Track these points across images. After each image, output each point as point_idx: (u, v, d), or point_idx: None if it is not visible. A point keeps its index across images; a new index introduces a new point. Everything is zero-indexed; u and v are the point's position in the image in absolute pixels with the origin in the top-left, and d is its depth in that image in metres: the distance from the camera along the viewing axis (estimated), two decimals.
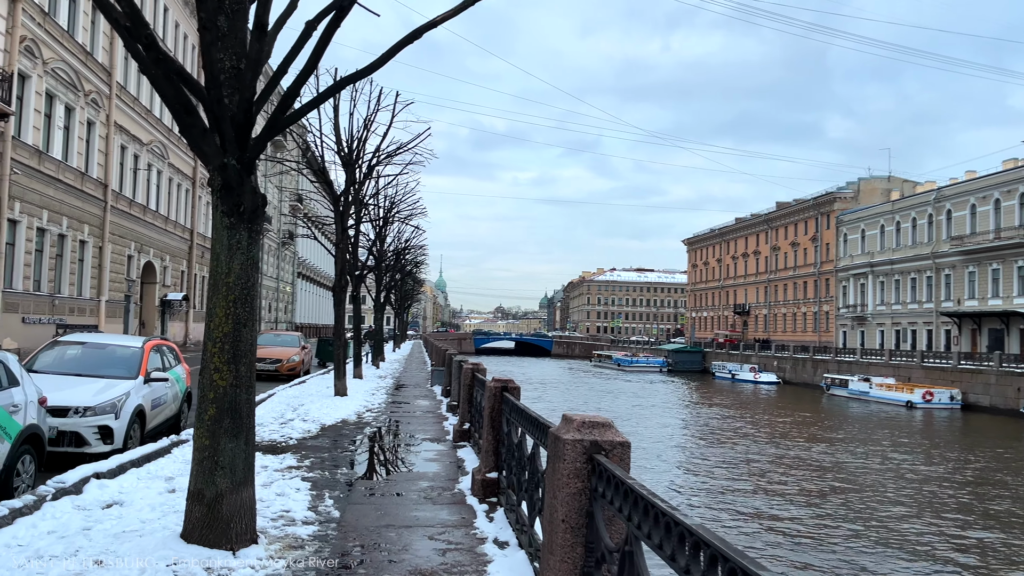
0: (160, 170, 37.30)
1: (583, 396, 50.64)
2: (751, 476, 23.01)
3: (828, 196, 77.31)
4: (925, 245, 61.71)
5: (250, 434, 4.93)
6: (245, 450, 4.88)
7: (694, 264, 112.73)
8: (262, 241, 50.10)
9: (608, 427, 3.68)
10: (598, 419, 3.72)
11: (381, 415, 13.61)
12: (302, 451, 9.32)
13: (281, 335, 25.69)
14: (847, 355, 60.48)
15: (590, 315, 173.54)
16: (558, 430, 3.77)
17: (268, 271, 67.43)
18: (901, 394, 47.29)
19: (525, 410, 5.73)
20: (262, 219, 4.98)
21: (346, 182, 15.25)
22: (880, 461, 26.77)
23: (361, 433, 11.24)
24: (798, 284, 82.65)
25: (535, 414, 5.26)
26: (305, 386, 18.18)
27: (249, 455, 4.95)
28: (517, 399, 6.77)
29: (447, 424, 12.47)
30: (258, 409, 13.14)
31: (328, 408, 13.48)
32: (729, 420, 38.76)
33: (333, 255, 15.75)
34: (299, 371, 22.05)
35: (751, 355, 74.72)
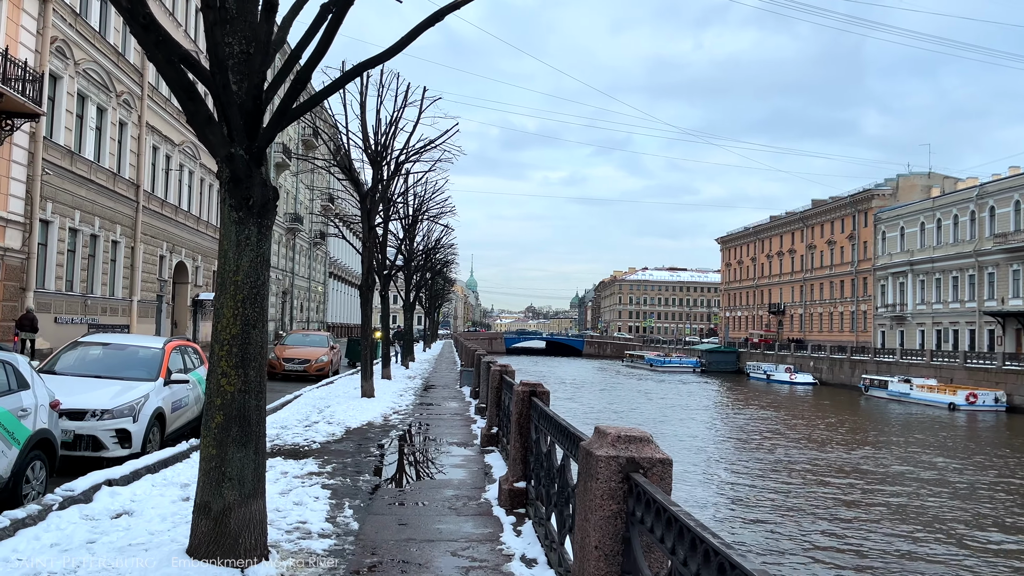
0: (192, 170, 37.52)
1: (615, 397, 50.05)
2: (792, 485, 22.36)
3: (866, 193, 75.69)
4: (967, 243, 60.04)
5: (260, 443, 4.61)
6: (255, 460, 4.56)
7: (728, 263, 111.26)
8: (285, 236, 49.71)
9: (646, 442, 3.28)
10: (635, 432, 3.32)
11: (408, 417, 13.31)
12: (324, 456, 9.03)
13: (310, 335, 25.56)
14: (886, 355, 59.08)
15: (622, 315, 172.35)
16: (590, 444, 3.38)
17: (300, 271, 67.73)
18: (943, 396, 45.99)
19: (554, 418, 5.34)
20: (273, 214, 4.67)
21: (373, 179, 14.98)
22: (928, 468, 25.88)
23: (386, 436, 10.94)
24: (834, 283, 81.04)
25: (565, 423, 4.87)
26: (333, 387, 17.97)
27: (259, 465, 4.63)
28: (547, 404, 6.39)
29: (475, 427, 12.13)
30: (283, 411, 12.92)
31: (354, 410, 13.21)
32: (766, 423, 37.95)
33: (360, 253, 15.52)
34: (328, 371, 21.88)
35: (786, 355, 73.42)
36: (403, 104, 14.57)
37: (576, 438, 4.29)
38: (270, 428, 10.89)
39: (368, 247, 15.03)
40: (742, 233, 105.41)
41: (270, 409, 13.13)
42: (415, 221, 25.06)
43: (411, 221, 24.54)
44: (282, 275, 61.24)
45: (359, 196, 14.88)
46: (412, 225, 25.49)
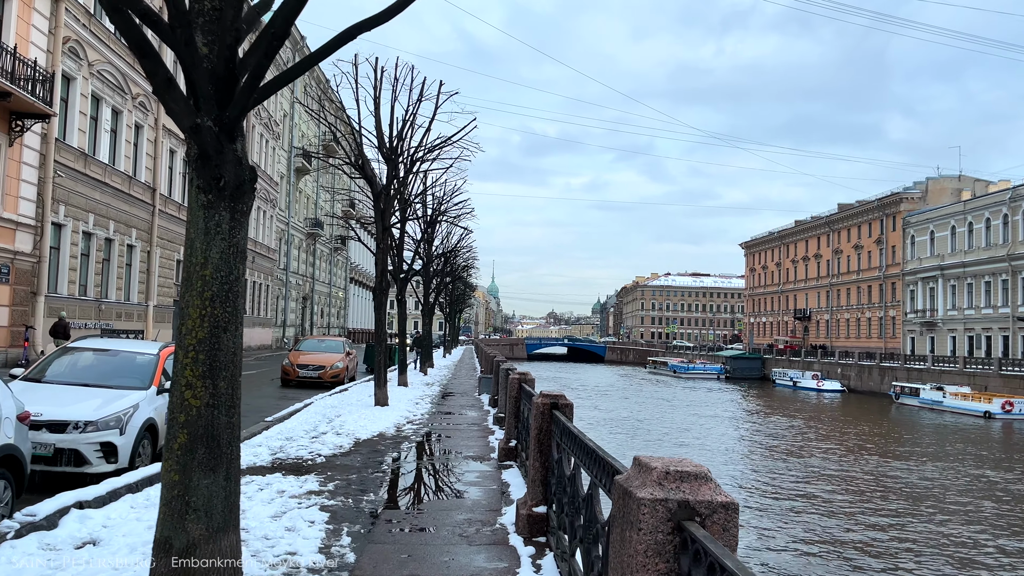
0: None
1: (639, 405, 49.08)
2: (833, 503, 21.36)
3: (894, 197, 74.08)
4: (1000, 247, 58.42)
5: (233, 466, 3.90)
6: (226, 487, 3.85)
7: (752, 268, 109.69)
8: (305, 242, 49.34)
9: (703, 479, 2.51)
10: (687, 467, 2.56)
11: (422, 428, 12.58)
12: (328, 471, 8.32)
13: (325, 340, 24.93)
14: (916, 362, 57.54)
15: (644, 320, 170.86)
16: (629, 481, 2.62)
17: (320, 276, 67.46)
18: (978, 404, 44.52)
19: (580, 437, 4.58)
20: (249, 197, 3.97)
21: (387, 177, 14.32)
22: (969, 481, 24.72)
23: (397, 449, 10.21)
24: (862, 288, 79.42)
25: (593, 445, 4.11)
26: (346, 394, 17.30)
27: (231, 493, 3.92)
28: (570, 419, 5.62)
29: (492, 439, 11.38)
30: (290, 421, 12.26)
31: (366, 419, 12.52)
32: (796, 433, 36.83)
33: (374, 253, 14.83)
34: (343, 378, 21.24)
35: (813, 362, 71.90)
36: (419, 98, 13.93)
37: (608, 467, 3.53)
38: (274, 440, 10.23)
39: (383, 248, 14.35)
40: (767, 238, 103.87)
41: (277, 419, 12.48)
42: (433, 223, 24.36)
43: (429, 223, 23.82)
44: (302, 280, 60.96)
45: (373, 195, 14.20)
46: (430, 227, 24.78)
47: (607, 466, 3.59)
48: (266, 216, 48.55)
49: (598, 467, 3.94)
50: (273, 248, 50.56)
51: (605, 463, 3.65)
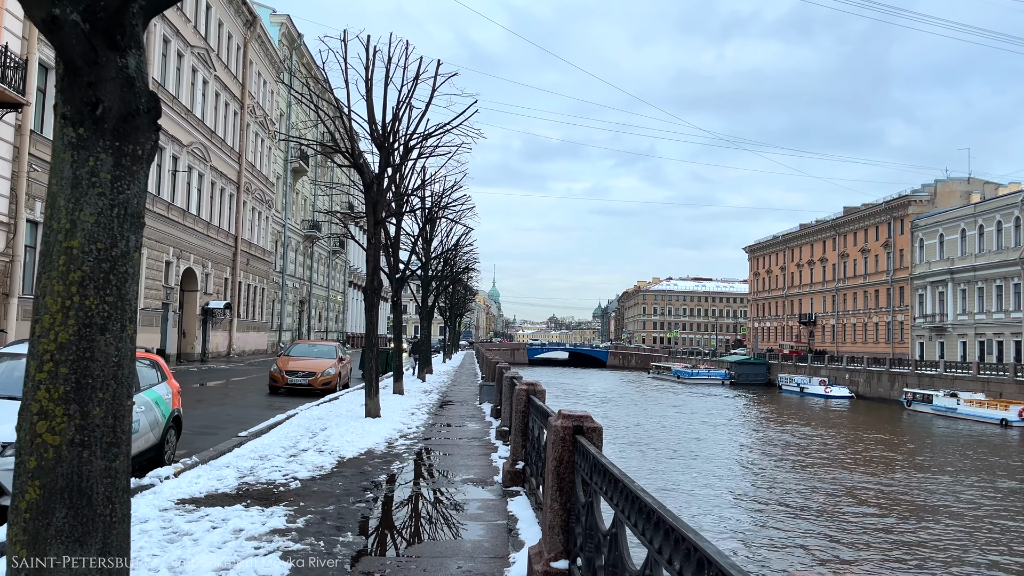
0: (202, 173, 35.94)
1: (647, 414, 47.78)
2: (850, 517, 20.04)
3: (902, 200, 72.82)
4: (1012, 250, 57.13)
5: (114, 535, 2.58)
6: (103, 569, 2.55)
7: (756, 272, 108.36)
8: (303, 244, 48.12)
9: None
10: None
11: (416, 444, 11.23)
12: (302, 500, 7.01)
13: (316, 345, 23.58)
14: (927, 368, 56.16)
15: (646, 325, 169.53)
16: None
17: (318, 279, 66.22)
18: (994, 411, 43.20)
19: (624, 482, 3.27)
20: (146, 138, 2.69)
21: (380, 166, 13.01)
22: (994, 494, 23.37)
23: (386, 471, 8.88)
24: (869, 292, 78.10)
25: (652, 500, 2.80)
26: (336, 404, 15.96)
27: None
28: (599, 446, 4.33)
29: (495, 457, 10.05)
30: (268, 436, 10.93)
31: (354, 434, 11.19)
32: (808, 442, 35.49)
33: (364, 248, 13.48)
34: (335, 385, 19.90)
35: (820, 367, 70.55)
36: (415, 79, 12.61)
37: (685, 543, 2.21)
38: (246, 459, 8.92)
39: (374, 243, 13.03)
40: (771, 242, 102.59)
41: (254, 433, 11.14)
42: (432, 220, 22.99)
43: (426, 221, 22.44)
44: (299, 284, 59.68)
45: (363, 185, 12.89)
46: (428, 225, 23.41)
47: (678, 538, 2.27)
48: (262, 217, 47.31)
49: (656, 532, 2.63)
50: (269, 250, 49.32)
51: (677, 533, 2.33)
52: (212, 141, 36.83)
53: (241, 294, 42.63)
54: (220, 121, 38.21)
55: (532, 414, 7.53)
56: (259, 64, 44.61)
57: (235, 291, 41.18)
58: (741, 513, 19.33)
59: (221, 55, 38.04)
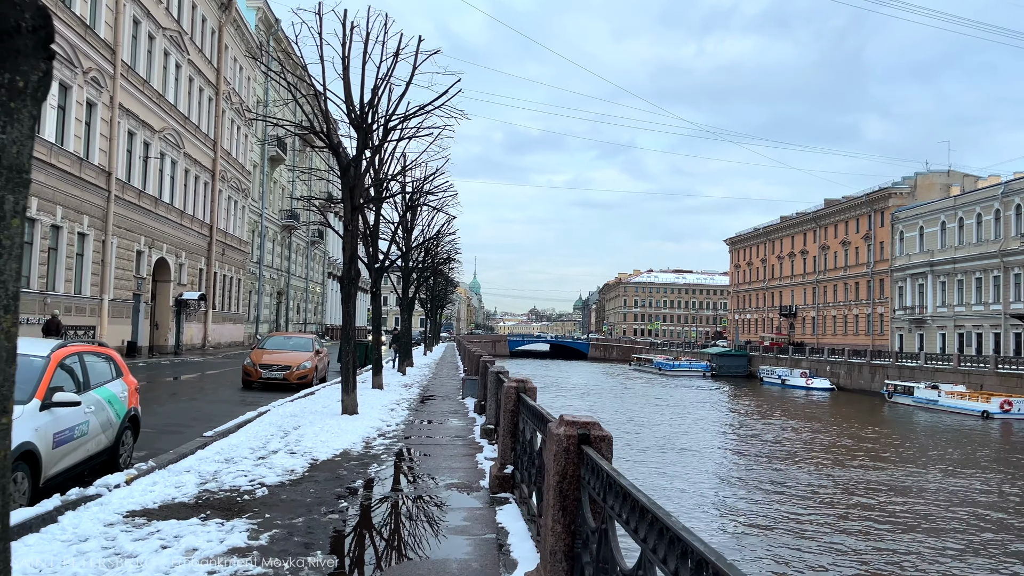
0: (175, 160, 34.87)
1: (630, 406, 47.39)
2: (840, 515, 19.66)
3: (882, 192, 72.93)
4: (992, 242, 57.32)
5: None
6: None
7: (736, 264, 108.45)
8: (280, 235, 47.21)
9: None
10: None
11: (396, 443, 10.54)
12: (268, 511, 6.31)
13: (292, 337, 22.74)
14: (908, 360, 56.24)
15: (627, 317, 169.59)
16: None
17: (296, 271, 65.15)
18: (975, 403, 43.22)
19: (655, 512, 2.63)
20: (27, 64, 1.99)
21: (357, 148, 12.23)
22: (983, 488, 23.11)
23: (362, 475, 8.19)
24: (849, 285, 78.28)
25: (700, 543, 2.17)
26: (312, 399, 15.20)
27: None
28: (609, 458, 3.70)
29: (481, 458, 9.40)
30: (236, 436, 10.20)
31: (329, 432, 10.49)
32: (794, 435, 35.24)
33: (340, 236, 12.70)
34: (311, 379, 19.14)
35: (801, 359, 70.61)
36: (395, 56, 11.83)
37: None
38: (210, 463, 8.20)
39: (351, 230, 12.28)
40: (752, 234, 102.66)
41: (220, 432, 10.39)
42: (412, 207, 22.17)
43: (407, 208, 21.62)
44: (277, 274, 58.58)
45: (340, 169, 12.12)
46: (409, 213, 22.58)
47: None
48: (238, 207, 46.21)
49: None
50: (245, 240, 48.24)
51: None
52: (186, 127, 35.76)
53: (216, 285, 41.61)
54: (194, 107, 37.12)
55: (522, 414, 6.90)
56: (235, 49, 43.47)
57: (210, 282, 40.16)
58: (737, 509, 18.87)
59: (195, 39, 36.93)
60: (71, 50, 24.26)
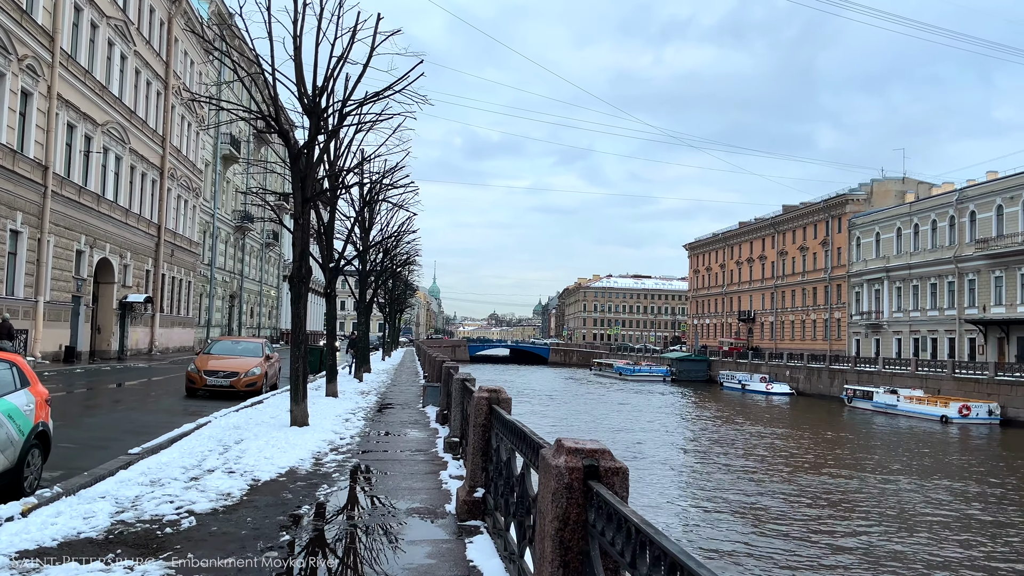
0: (119, 156, 33.18)
1: (594, 413, 46.74)
2: (797, 523, 19.09)
3: (839, 198, 73.74)
4: (946, 248, 58.11)
5: None
6: None
7: (696, 269, 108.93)
8: (233, 236, 45.65)
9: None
10: None
11: (350, 459, 9.47)
12: (191, 549, 5.27)
13: (241, 342, 21.39)
14: (866, 364, 56.63)
15: (586, 322, 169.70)
16: None
17: (250, 273, 63.24)
18: (935, 408, 43.45)
19: None
20: None
21: (309, 134, 11.17)
22: (948, 496, 22.80)
23: (310, 499, 7.15)
24: (807, 290, 78.96)
25: None
26: (259, 409, 14.01)
27: None
28: (624, 496, 2.80)
29: (446, 476, 8.42)
30: (170, 452, 9.07)
31: (275, 447, 9.41)
32: (758, 440, 34.89)
33: (291, 231, 11.58)
34: (260, 386, 17.89)
35: (760, 364, 70.83)
36: (352, 32, 10.75)
37: None
38: (131, 486, 7.10)
39: (302, 225, 11.19)
40: (711, 239, 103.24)
41: (150, 449, 9.22)
42: (370, 204, 20.98)
43: (365, 203, 20.39)
44: (230, 277, 56.69)
45: (290, 157, 11.02)
46: (367, 210, 21.37)
47: None
48: (188, 206, 44.44)
49: None
50: (196, 241, 46.43)
51: None
52: (132, 122, 34.09)
53: (165, 287, 39.86)
54: (141, 101, 35.45)
55: (496, 430, 5.96)
56: (186, 43, 41.80)
57: (158, 284, 38.41)
58: (716, 521, 18.18)
59: (142, 30, 35.29)
60: (4, 35, 22.69)
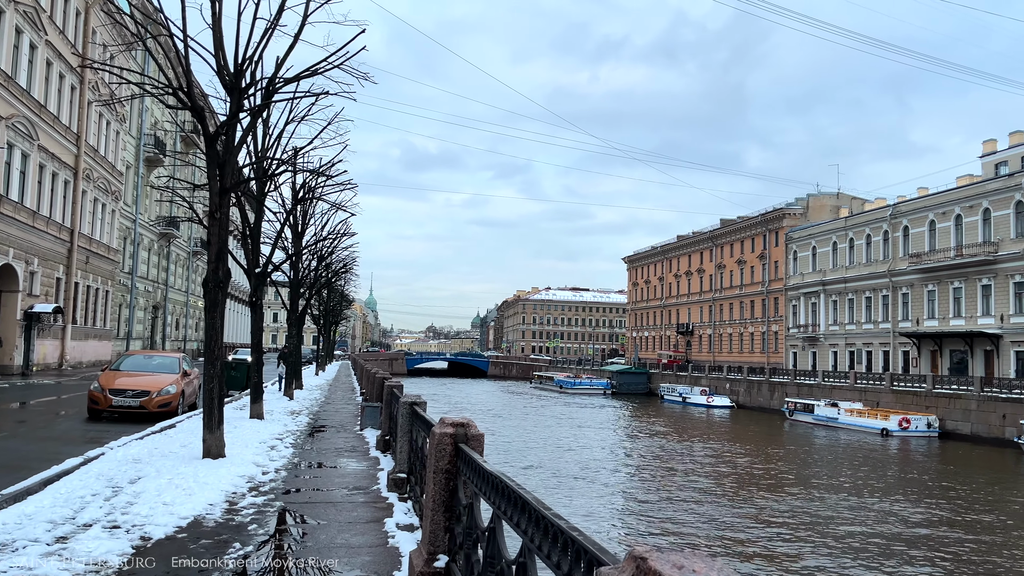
0: (26, 153, 30.41)
1: (539, 427, 45.36)
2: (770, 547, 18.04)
3: (777, 212, 74.58)
4: (881, 263, 59.03)
5: None
6: None
7: (634, 282, 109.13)
8: (157, 243, 42.78)
9: None
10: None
11: (273, 501, 7.75)
12: None
13: (155, 356, 19.12)
14: (806, 377, 56.87)
15: (525, 334, 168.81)
16: None
17: (176, 283, 59.94)
18: (875, 421, 43.56)
19: None
20: None
21: (230, 113, 9.43)
22: (895, 513, 22.14)
23: (215, 569, 5.49)
24: (744, 303, 79.57)
25: None
26: (169, 435, 12.05)
27: None
28: None
29: (392, 526, 6.81)
30: (41, 497, 7.20)
31: (180, 487, 7.65)
32: (704, 456, 34.03)
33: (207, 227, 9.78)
34: (175, 407, 15.81)
35: (700, 377, 70.77)
36: None
37: None
38: None
39: (220, 219, 9.38)
40: (649, 252, 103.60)
41: (11, 495, 7.25)
42: (303, 202, 19.04)
43: (296, 200, 18.36)
44: (153, 287, 53.44)
45: (205, 140, 9.24)
46: (300, 208, 19.43)
47: None
48: (106, 210, 41.47)
49: None
50: (115, 248, 43.39)
51: None
52: (41, 116, 31.36)
53: (79, 297, 36.90)
54: (52, 95, 32.72)
55: (465, 477, 4.46)
56: (105, 35, 39.02)
57: (70, 293, 35.48)
58: None
59: (55, 19, 32.62)
60: None
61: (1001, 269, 47.58)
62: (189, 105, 9.15)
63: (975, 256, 48.91)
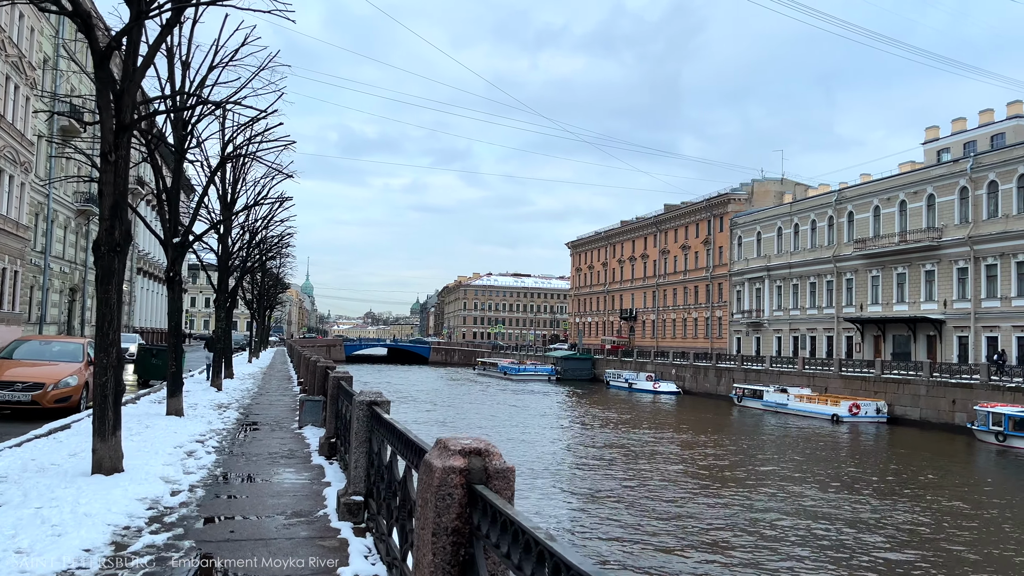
0: None
1: (488, 416, 43.53)
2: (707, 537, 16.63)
3: (721, 197, 74.25)
4: (825, 248, 59.07)
5: None
6: None
7: (578, 268, 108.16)
8: (75, 222, 39.09)
9: None
10: None
11: (180, 540, 5.61)
12: None
13: (55, 343, 16.41)
14: (754, 363, 56.49)
15: (467, 320, 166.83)
16: None
17: None
18: (825, 407, 43.18)
19: None
20: None
21: (129, 23, 7.17)
22: (859, 502, 21.13)
23: None
24: (688, 288, 79.23)
25: None
26: (57, 440, 9.70)
27: None
28: None
29: (336, 565, 4.86)
30: None
31: (49, 522, 5.52)
32: (654, 443, 32.77)
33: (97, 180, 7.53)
34: (77, 401, 13.34)
35: (646, 362, 70.05)
36: None
37: None
38: None
39: (115, 163, 7.14)
40: (593, 237, 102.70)
41: None
42: (233, 160, 16.50)
43: (224, 159, 15.73)
44: (70, 268, 49.47)
45: (94, 57, 7.00)
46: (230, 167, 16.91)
47: None
48: (15, 183, 37.70)
49: None
50: (26, 225, 39.62)
51: None
52: None
53: None
54: None
55: (489, 541, 2.50)
56: None
57: None
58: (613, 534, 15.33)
59: None
60: None
61: (945, 255, 47.79)
62: (70, 10, 6.89)
63: (919, 242, 49.05)
